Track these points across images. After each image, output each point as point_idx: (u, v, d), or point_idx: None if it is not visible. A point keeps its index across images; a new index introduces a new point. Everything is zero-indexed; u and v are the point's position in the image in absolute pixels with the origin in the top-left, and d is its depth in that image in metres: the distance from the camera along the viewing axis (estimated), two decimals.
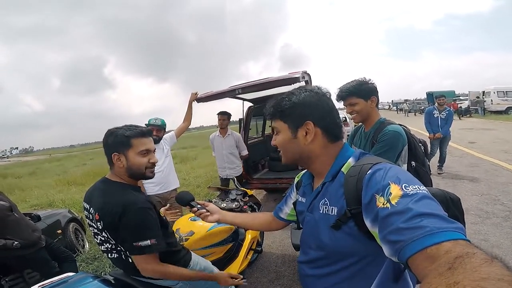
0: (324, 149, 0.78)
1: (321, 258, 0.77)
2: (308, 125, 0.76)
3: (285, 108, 0.79)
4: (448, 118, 5.01)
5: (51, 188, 8.66)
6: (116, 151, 1.14)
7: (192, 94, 3.02)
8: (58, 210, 3.56)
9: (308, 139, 0.77)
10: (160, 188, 2.71)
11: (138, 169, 1.16)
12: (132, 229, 1.06)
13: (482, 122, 14.23)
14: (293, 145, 0.80)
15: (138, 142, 1.15)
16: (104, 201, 1.10)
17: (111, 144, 1.14)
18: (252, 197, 2.39)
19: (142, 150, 1.16)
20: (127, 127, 1.17)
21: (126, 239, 1.07)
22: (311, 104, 0.77)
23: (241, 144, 3.77)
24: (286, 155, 0.84)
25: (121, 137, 1.13)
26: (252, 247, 2.20)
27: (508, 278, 0.35)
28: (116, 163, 1.14)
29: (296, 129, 0.78)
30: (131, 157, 1.14)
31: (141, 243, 1.05)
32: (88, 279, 1.12)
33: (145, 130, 1.19)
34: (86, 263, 2.95)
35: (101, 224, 1.09)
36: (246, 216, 1.21)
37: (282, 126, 0.81)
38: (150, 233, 1.08)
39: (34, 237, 2.02)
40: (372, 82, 1.54)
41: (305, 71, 2.98)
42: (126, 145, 1.13)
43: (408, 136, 1.51)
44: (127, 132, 1.14)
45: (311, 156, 0.79)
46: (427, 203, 0.54)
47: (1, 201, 1.96)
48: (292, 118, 0.78)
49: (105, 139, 1.16)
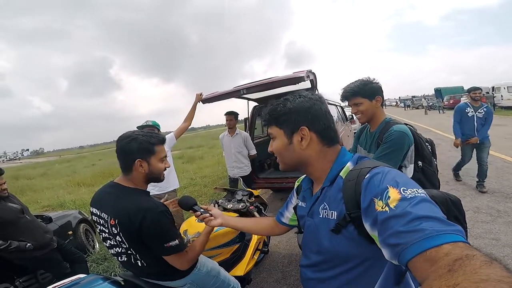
0: (320, 153, 0.79)
1: (323, 262, 0.78)
2: (303, 130, 0.77)
3: (280, 114, 0.80)
4: (487, 118, 3.84)
5: (62, 188, 8.86)
6: (140, 157, 1.15)
7: (197, 95, 3.03)
8: (69, 212, 3.64)
9: (304, 144, 0.78)
10: (159, 189, 2.72)
11: (158, 174, 1.22)
12: (159, 233, 1.11)
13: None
14: (289, 151, 0.80)
15: (160, 149, 1.21)
16: (121, 207, 1.12)
17: (135, 150, 1.15)
18: (258, 197, 2.40)
19: (163, 157, 1.21)
20: (146, 133, 1.19)
21: (155, 243, 1.13)
22: (305, 109, 0.78)
23: (249, 144, 3.77)
24: (283, 161, 0.84)
25: (146, 144, 1.16)
26: (259, 248, 2.21)
27: (508, 279, 0.36)
28: (138, 168, 1.16)
29: (291, 135, 0.79)
30: (153, 163, 1.18)
31: (171, 243, 1.13)
32: (99, 281, 1.14)
33: (163, 138, 1.24)
34: (97, 263, 3.00)
35: (117, 229, 1.11)
36: (249, 221, 1.21)
37: (277, 132, 0.81)
38: (175, 232, 1.17)
39: (46, 238, 2.07)
40: (376, 82, 1.52)
41: (310, 70, 2.96)
42: (151, 152, 1.17)
43: (415, 135, 1.49)
44: (152, 139, 1.18)
45: (308, 161, 0.80)
46: (426, 206, 0.54)
47: (13, 203, 2.01)
48: (287, 124, 0.79)
49: (126, 144, 1.15)
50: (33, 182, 11.81)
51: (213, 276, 1.40)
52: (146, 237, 1.11)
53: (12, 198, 2.10)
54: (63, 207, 5.82)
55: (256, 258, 2.18)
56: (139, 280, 1.24)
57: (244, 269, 1.89)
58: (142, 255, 1.16)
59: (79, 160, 26.17)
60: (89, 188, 8.05)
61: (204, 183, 6.56)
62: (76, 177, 11.33)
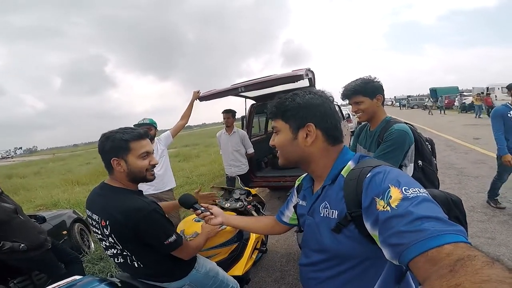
0: (324, 151, 0.79)
1: (323, 261, 0.77)
2: (309, 127, 0.77)
3: (288, 109, 0.79)
4: None
5: (56, 187, 8.74)
6: (115, 156, 1.11)
7: (194, 92, 3.00)
8: (63, 211, 3.58)
9: (309, 141, 0.77)
10: (155, 189, 2.69)
11: (139, 172, 1.15)
12: (155, 232, 1.10)
13: (487, 118, 14.08)
14: (292, 146, 0.79)
15: (137, 145, 1.13)
16: (110, 208, 1.09)
17: (109, 149, 1.11)
18: (256, 196, 2.38)
19: (142, 153, 1.14)
20: (123, 130, 1.14)
21: (154, 242, 1.11)
22: (314, 106, 0.77)
23: (246, 142, 3.76)
24: (284, 156, 0.83)
25: (119, 141, 1.10)
26: (257, 247, 2.20)
27: (509, 280, 0.36)
28: (116, 168, 1.12)
29: (297, 130, 0.78)
30: (131, 161, 1.12)
31: (169, 240, 1.12)
32: (95, 282, 1.12)
33: (143, 132, 1.17)
34: (92, 263, 2.96)
35: (108, 230, 1.09)
36: (249, 220, 1.21)
37: (283, 126, 0.80)
38: (171, 228, 1.16)
39: (40, 239, 2.03)
40: (377, 80, 1.52)
41: (309, 68, 2.95)
42: (125, 149, 1.11)
43: (415, 135, 1.49)
44: (124, 135, 1.11)
45: (310, 158, 0.80)
46: (428, 206, 0.54)
47: (5, 203, 1.96)
48: (295, 119, 0.78)
49: (101, 145, 1.12)
50: (26, 180, 11.63)
51: (212, 277, 1.38)
52: (144, 237, 1.09)
53: (5, 198, 2.05)
54: (57, 206, 5.74)
55: (255, 258, 2.16)
56: (137, 281, 1.21)
57: (242, 268, 1.87)
58: (137, 256, 1.14)
59: (73, 158, 25.89)
60: (84, 187, 7.96)
61: (201, 182, 6.54)
62: (70, 175, 11.19)
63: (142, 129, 1.20)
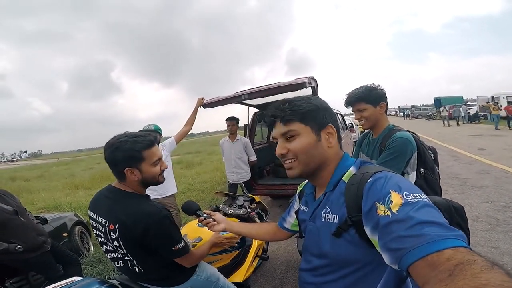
0: (337, 155, 0.80)
1: (323, 266, 0.77)
2: (330, 128, 0.77)
3: (307, 110, 0.76)
4: None
5: (59, 191, 8.77)
6: (128, 166, 1.10)
7: (198, 99, 3.04)
8: (65, 213, 3.59)
9: (332, 142, 0.77)
10: (157, 194, 2.71)
11: (153, 178, 1.17)
12: (166, 237, 1.11)
13: (491, 128, 13.97)
14: (317, 149, 0.76)
15: (149, 153, 1.13)
16: (119, 212, 1.09)
17: (121, 160, 1.09)
18: (259, 203, 2.37)
19: (155, 161, 1.15)
20: (131, 138, 1.11)
21: (164, 248, 1.12)
22: (328, 108, 0.79)
23: (249, 150, 3.77)
24: (305, 162, 0.77)
25: (131, 152, 1.08)
26: (258, 254, 2.18)
27: (508, 284, 0.36)
28: (130, 177, 1.12)
29: (319, 132, 0.77)
30: (145, 169, 1.13)
31: (178, 246, 1.13)
32: (95, 284, 1.11)
33: (153, 139, 1.17)
34: (91, 266, 2.96)
35: (116, 234, 1.08)
36: (252, 226, 1.20)
37: (303, 128, 0.76)
38: (180, 235, 1.17)
39: (38, 241, 2.02)
40: (381, 88, 1.53)
41: (312, 77, 2.98)
42: (139, 159, 1.10)
43: (418, 143, 1.49)
44: (136, 145, 1.09)
45: (327, 162, 0.78)
46: (428, 211, 0.54)
47: (6, 205, 1.97)
48: (316, 120, 0.77)
49: (111, 155, 1.10)
50: (30, 183, 11.68)
51: (213, 282, 1.37)
52: (152, 242, 1.09)
53: (8, 199, 2.06)
54: (59, 209, 5.75)
55: (256, 265, 2.14)
56: (136, 284, 1.21)
57: (243, 275, 1.86)
58: (139, 261, 1.14)
59: (76, 163, 26.02)
60: (87, 191, 7.97)
61: (202, 189, 6.52)
62: (73, 180, 11.24)
63: (151, 135, 1.21)
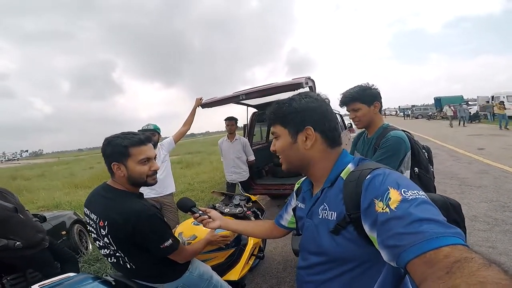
0: (323, 154, 0.79)
1: (321, 263, 0.76)
2: (308, 130, 0.77)
3: (286, 114, 0.79)
4: None
5: (59, 190, 8.80)
6: (115, 160, 1.12)
7: (197, 99, 3.05)
8: (64, 212, 3.62)
9: (308, 144, 0.78)
10: (156, 193, 2.74)
11: (139, 177, 1.16)
12: (152, 235, 1.11)
13: (491, 127, 13.92)
14: (292, 150, 0.80)
15: (136, 151, 1.14)
16: (110, 209, 1.11)
17: (109, 154, 1.13)
18: (255, 203, 2.38)
19: (142, 159, 1.15)
20: (124, 135, 1.15)
21: (151, 245, 1.12)
22: (311, 109, 0.78)
23: (248, 150, 3.78)
24: (286, 161, 0.84)
25: (118, 147, 1.11)
26: (254, 253, 2.19)
27: (505, 281, 0.36)
28: (117, 172, 1.14)
29: (296, 134, 0.79)
30: (131, 166, 1.13)
31: (166, 244, 1.13)
32: (89, 280, 1.12)
33: (143, 138, 1.17)
34: (88, 264, 2.98)
35: (105, 231, 1.10)
36: (248, 224, 1.21)
37: (282, 131, 0.81)
38: (168, 232, 1.17)
39: (37, 238, 2.04)
40: (375, 88, 1.53)
41: (309, 77, 2.99)
42: (125, 155, 1.12)
43: (412, 142, 1.49)
44: (124, 141, 1.12)
45: (311, 161, 0.80)
46: (427, 208, 0.54)
47: (6, 202, 1.99)
48: (293, 123, 0.79)
49: (103, 149, 1.14)
50: (30, 182, 11.73)
51: (206, 280, 1.38)
52: (140, 240, 1.10)
53: (8, 197, 2.07)
54: (59, 208, 5.78)
55: (251, 263, 2.15)
56: (130, 281, 1.22)
57: (238, 274, 1.86)
58: (130, 258, 1.15)
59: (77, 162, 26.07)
60: (87, 191, 7.99)
61: (201, 189, 6.53)
62: (73, 179, 11.26)
63: (145, 134, 1.21)
